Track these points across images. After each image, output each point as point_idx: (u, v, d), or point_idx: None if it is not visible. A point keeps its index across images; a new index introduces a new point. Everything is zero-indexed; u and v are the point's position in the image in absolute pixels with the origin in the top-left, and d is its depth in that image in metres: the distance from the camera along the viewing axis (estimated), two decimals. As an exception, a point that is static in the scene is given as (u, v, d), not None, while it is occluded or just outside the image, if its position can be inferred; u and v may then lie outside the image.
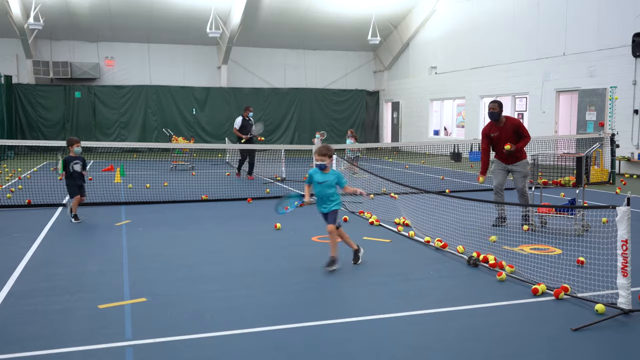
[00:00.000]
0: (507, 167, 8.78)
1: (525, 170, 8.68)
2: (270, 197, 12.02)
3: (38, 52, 26.01)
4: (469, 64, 23.46)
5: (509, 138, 8.54)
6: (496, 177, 8.85)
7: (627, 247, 4.67)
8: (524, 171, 8.65)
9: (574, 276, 5.77)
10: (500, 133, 8.63)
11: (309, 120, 28.89)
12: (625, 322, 4.66)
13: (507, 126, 8.63)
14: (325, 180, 6.29)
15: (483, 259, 6.45)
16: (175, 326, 4.59)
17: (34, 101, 25.40)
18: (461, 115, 25.84)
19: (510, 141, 8.52)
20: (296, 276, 6.11)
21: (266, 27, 26.70)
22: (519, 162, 8.67)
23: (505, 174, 8.82)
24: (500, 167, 8.82)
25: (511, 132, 8.58)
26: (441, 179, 15.31)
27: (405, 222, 8.78)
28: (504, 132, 8.60)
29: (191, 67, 28.18)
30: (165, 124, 26.21)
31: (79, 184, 9.26)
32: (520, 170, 8.65)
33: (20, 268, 6.35)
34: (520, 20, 20.68)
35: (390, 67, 29.80)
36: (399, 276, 6.08)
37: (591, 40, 17.67)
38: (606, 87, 17.13)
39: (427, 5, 25.64)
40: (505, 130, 8.61)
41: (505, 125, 8.64)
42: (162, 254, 7.13)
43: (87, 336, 4.40)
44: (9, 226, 8.78)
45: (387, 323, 4.71)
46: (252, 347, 4.22)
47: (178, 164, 18.46)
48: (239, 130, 15.66)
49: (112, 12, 24.45)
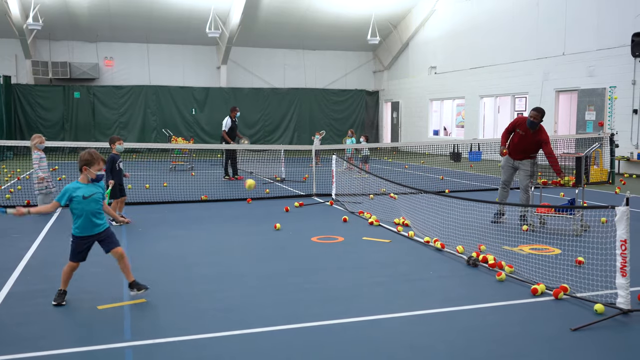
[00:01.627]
0: (514, 164, 8.96)
1: (532, 169, 8.88)
2: (270, 198, 12.02)
3: (37, 52, 26.00)
4: (469, 63, 23.46)
5: (530, 144, 8.72)
6: (504, 173, 9.13)
7: (626, 247, 4.67)
8: (529, 169, 8.85)
9: (573, 276, 5.77)
10: (527, 136, 8.76)
11: (309, 120, 28.89)
12: (625, 322, 4.66)
13: (536, 134, 8.73)
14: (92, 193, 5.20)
15: (482, 259, 6.46)
16: (175, 327, 4.59)
17: (33, 101, 25.38)
18: (461, 115, 25.86)
19: (530, 147, 8.73)
20: (296, 276, 6.11)
21: (266, 27, 26.70)
22: (526, 160, 8.86)
23: (512, 170, 9.05)
24: (509, 163, 9.03)
25: (536, 140, 8.71)
26: (441, 179, 15.32)
27: (404, 222, 8.79)
28: (530, 137, 8.74)
29: (190, 67, 28.18)
30: (165, 124, 26.20)
31: (120, 183, 9.02)
32: (527, 169, 8.86)
33: (20, 269, 6.35)
34: (520, 20, 20.68)
35: (390, 67, 29.80)
36: (399, 276, 6.08)
37: (590, 40, 17.68)
38: (605, 86, 17.14)
39: (427, 5, 25.65)
40: (532, 137, 8.74)
41: (536, 133, 8.75)
42: (161, 254, 7.13)
43: (87, 337, 4.40)
44: (8, 227, 8.77)
45: (387, 323, 4.71)
46: (252, 347, 4.22)
47: (177, 165, 18.45)
48: (227, 133, 15.58)
49: (111, 12, 24.45)
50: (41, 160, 10.32)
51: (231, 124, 15.59)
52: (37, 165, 10.26)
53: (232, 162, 15.48)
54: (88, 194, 5.15)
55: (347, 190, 12.04)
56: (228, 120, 15.63)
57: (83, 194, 5.12)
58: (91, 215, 5.16)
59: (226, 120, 15.66)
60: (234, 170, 15.52)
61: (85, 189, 5.17)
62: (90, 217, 5.16)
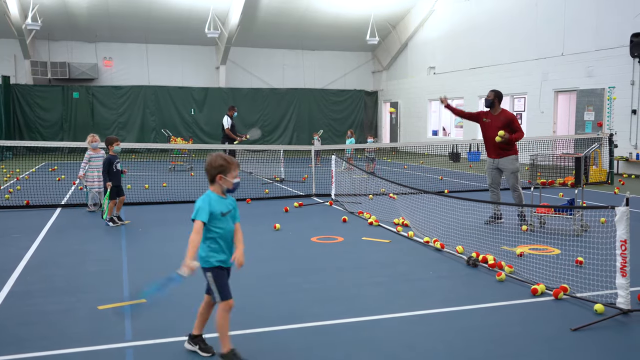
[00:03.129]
0: (497, 165, 8.91)
1: (514, 166, 8.80)
2: (269, 198, 12.02)
3: (36, 52, 25.97)
4: (468, 64, 23.47)
5: (499, 128, 8.71)
6: (489, 176, 9.08)
7: (626, 247, 4.68)
8: (512, 167, 8.79)
9: (573, 276, 5.78)
10: (492, 121, 8.86)
11: (308, 120, 28.88)
12: (625, 322, 4.67)
13: (500, 116, 8.86)
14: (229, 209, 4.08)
15: (482, 259, 6.46)
16: (176, 327, 4.59)
17: (31, 102, 25.36)
18: (460, 115, 25.85)
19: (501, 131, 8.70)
20: (295, 276, 6.11)
21: (265, 28, 26.70)
22: (507, 157, 8.79)
23: (496, 172, 8.98)
24: (491, 165, 8.99)
25: (503, 123, 8.76)
26: (440, 179, 15.32)
27: (404, 223, 8.79)
28: (496, 121, 8.82)
29: (189, 68, 28.17)
30: (164, 125, 26.19)
31: (118, 185, 8.95)
32: (509, 167, 8.79)
33: (20, 269, 6.35)
34: (519, 20, 20.70)
35: (389, 68, 29.81)
36: (399, 276, 6.09)
37: (589, 41, 17.69)
38: (604, 87, 17.15)
39: (426, 5, 25.66)
40: (497, 119, 8.83)
41: (499, 115, 8.89)
42: (161, 254, 7.13)
43: (87, 337, 4.40)
44: (7, 227, 8.77)
45: (387, 323, 4.71)
46: (251, 347, 4.21)
47: (176, 165, 18.44)
48: (230, 131, 15.55)
49: (110, 12, 24.43)
50: (91, 160, 10.21)
51: (231, 122, 15.63)
52: (84, 163, 10.24)
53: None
54: (226, 209, 4.01)
55: (347, 190, 12.05)
56: (228, 119, 15.66)
57: (221, 209, 3.98)
58: (230, 238, 4.03)
59: (226, 119, 15.69)
60: None
61: (221, 203, 4.02)
62: (229, 241, 4.03)
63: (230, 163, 4.01)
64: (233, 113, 15.77)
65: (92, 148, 10.38)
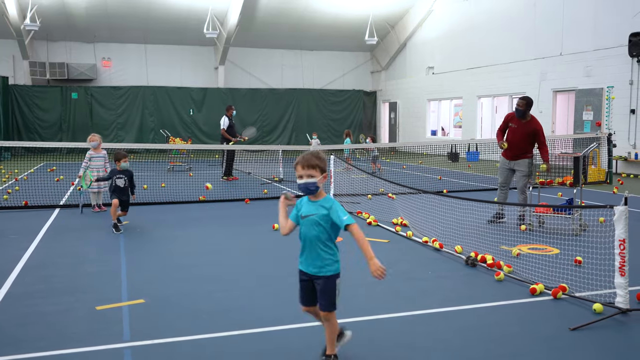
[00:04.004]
0: (511, 166, 8.96)
1: (528, 169, 8.87)
2: (268, 198, 12.01)
3: (35, 53, 25.96)
4: (466, 64, 23.48)
5: (524, 136, 8.72)
6: (501, 175, 9.13)
7: (624, 247, 4.68)
8: (526, 170, 8.85)
9: (571, 276, 5.78)
10: (519, 127, 8.80)
11: (307, 120, 28.87)
12: (623, 322, 4.67)
13: (528, 125, 8.78)
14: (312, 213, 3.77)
15: (481, 258, 6.46)
16: (174, 327, 4.58)
17: (30, 102, 25.33)
18: (458, 115, 25.87)
19: (524, 140, 8.73)
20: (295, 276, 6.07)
21: (263, 28, 26.69)
22: (522, 161, 8.85)
23: (509, 172, 9.04)
24: (505, 165, 9.03)
25: (529, 131, 8.72)
26: (439, 179, 15.32)
27: (403, 223, 8.79)
28: (523, 128, 8.77)
29: (188, 68, 28.16)
30: (163, 125, 26.17)
31: (123, 199, 8.71)
32: (523, 170, 8.85)
33: (18, 270, 6.33)
34: (518, 20, 20.71)
35: (388, 68, 29.81)
36: (398, 276, 6.08)
37: (588, 41, 17.70)
38: (603, 87, 17.17)
39: (424, 5, 25.66)
40: (524, 127, 8.77)
41: (527, 123, 8.80)
42: (159, 255, 7.12)
43: (85, 338, 4.39)
44: (6, 228, 8.75)
45: (387, 323, 4.71)
46: (251, 348, 4.21)
47: (175, 165, 18.43)
48: (227, 131, 15.54)
49: (108, 12, 24.42)
50: (91, 159, 10.32)
51: (229, 122, 15.59)
52: (85, 163, 10.31)
53: (229, 162, 15.44)
54: (307, 212, 3.75)
55: (346, 190, 12.04)
56: (226, 119, 15.61)
57: (302, 212, 3.78)
58: (311, 244, 3.77)
59: (224, 119, 15.64)
60: (229, 170, 15.47)
61: (306, 205, 3.78)
62: (312, 247, 3.78)
63: (324, 160, 3.75)
64: (232, 113, 15.74)
65: (92, 147, 10.39)
